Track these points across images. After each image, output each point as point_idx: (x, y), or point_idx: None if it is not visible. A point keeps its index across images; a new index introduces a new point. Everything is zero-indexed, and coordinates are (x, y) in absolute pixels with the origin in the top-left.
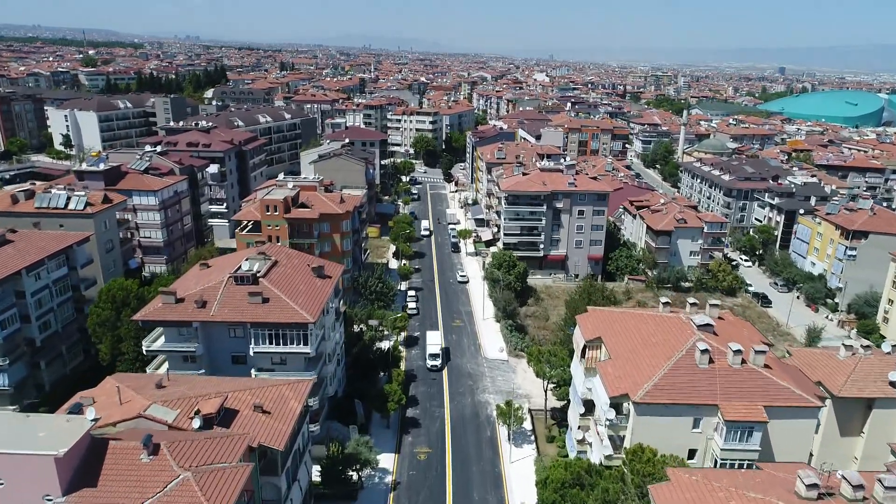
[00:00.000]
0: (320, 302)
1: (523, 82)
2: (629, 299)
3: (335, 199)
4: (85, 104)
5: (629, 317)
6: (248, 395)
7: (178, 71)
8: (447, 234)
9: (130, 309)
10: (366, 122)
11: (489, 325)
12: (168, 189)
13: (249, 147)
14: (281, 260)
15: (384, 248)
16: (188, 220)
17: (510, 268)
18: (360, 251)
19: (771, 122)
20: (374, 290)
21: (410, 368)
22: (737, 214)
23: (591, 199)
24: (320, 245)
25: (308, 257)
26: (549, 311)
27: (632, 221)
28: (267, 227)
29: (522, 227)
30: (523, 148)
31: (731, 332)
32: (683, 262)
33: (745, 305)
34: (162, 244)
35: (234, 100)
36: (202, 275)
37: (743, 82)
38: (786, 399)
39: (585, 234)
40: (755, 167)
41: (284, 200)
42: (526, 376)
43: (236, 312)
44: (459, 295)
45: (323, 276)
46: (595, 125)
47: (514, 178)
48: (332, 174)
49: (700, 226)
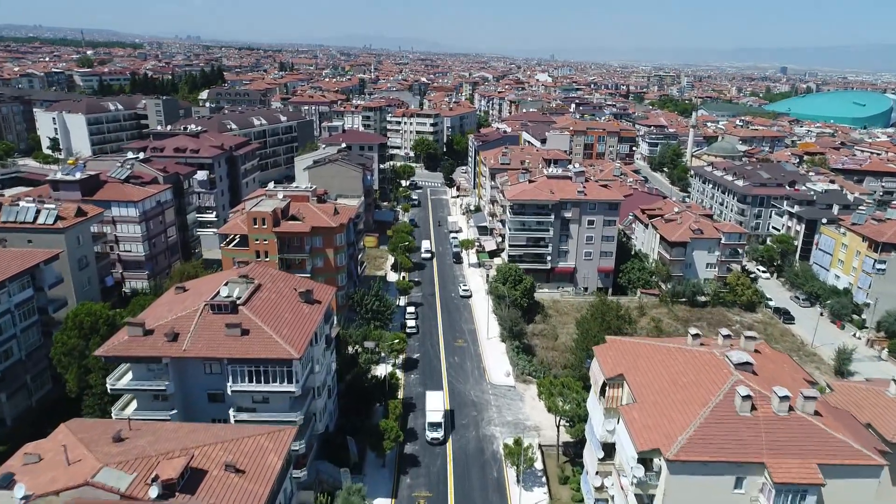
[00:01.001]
0: (307, 333)
1: (525, 83)
2: (643, 315)
3: (329, 210)
4: (73, 106)
5: (654, 351)
6: (218, 451)
7: (175, 72)
8: (448, 244)
9: (100, 336)
10: (364, 124)
11: (494, 346)
12: (150, 199)
13: (241, 152)
14: (265, 283)
15: (382, 258)
16: (172, 231)
17: (516, 282)
18: (355, 266)
19: (779, 124)
20: (371, 309)
21: (409, 396)
22: (752, 222)
23: (601, 209)
24: (312, 260)
25: (295, 279)
26: (558, 330)
27: (643, 231)
28: (255, 241)
29: (529, 238)
30: (528, 153)
31: (771, 369)
32: (699, 275)
33: (767, 322)
34: (143, 258)
35: (230, 101)
36: (176, 300)
37: (746, 82)
38: (843, 455)
39: (595, 245)
40: (771, 172)
41: (273, 213)
42: (535, 405)
43: (212, 347)
44: (462, 311)
45: (311, 302)
46: (601, 127)
47: (519, 185)
48: (328, 181)
49: (717, 236)
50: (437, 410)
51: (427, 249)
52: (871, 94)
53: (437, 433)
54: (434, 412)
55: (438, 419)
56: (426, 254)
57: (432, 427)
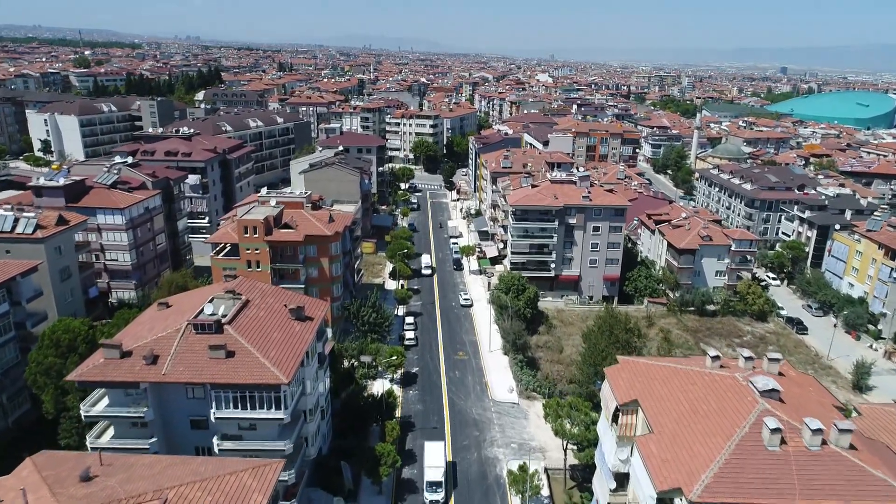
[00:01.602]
0: (297, 354)
1: (526, 83)
2: (651, 326)
3: (323, 218)
4: (66, 107)
5: (671, 374)
6: (196, 492)
7: (172, 72)
8: (448, 250)
9: (78, 355)
10: (363, 125)
11: (496, 359)
12: (137, 206)
13: (235, 155)
14: (253, 299)
15: (380, 265)
16: (162, 238)
17: (519, 292)
18: (352, 275)
19: (783, 125)
20: (368, 321)
21: (407, 415)
22: (759, 227)
23: (607, 215)
24: (306, 270)
25: (286, 294)
26: (563, 341)
27: (650, 237)
28: (245, 250)
29: (532, 245)
30: (530, 156)
31: (797, 395)
32: (708, 283)
33: (779, 332)
34: (130, 268)
35: (226, 102)
36: (158, 318)
37: (747, 82)
38: (884, 497)
39: (601, 252)
40: (779, 176)
41: (265, 221)
42: (540, 424)
43: (194, 371)
44: (463, 321)
45: (303, 319)
46: (604, 129)
47: (521, 190)
48: (324, 185)
49: (727, 243)
50: (437, 466)
51: (427, 265)
52: (874, 95)
53: (436, 495)
54: (434, 468)
55: (439, 477)
56: (426, 270)
57: (432, 487)
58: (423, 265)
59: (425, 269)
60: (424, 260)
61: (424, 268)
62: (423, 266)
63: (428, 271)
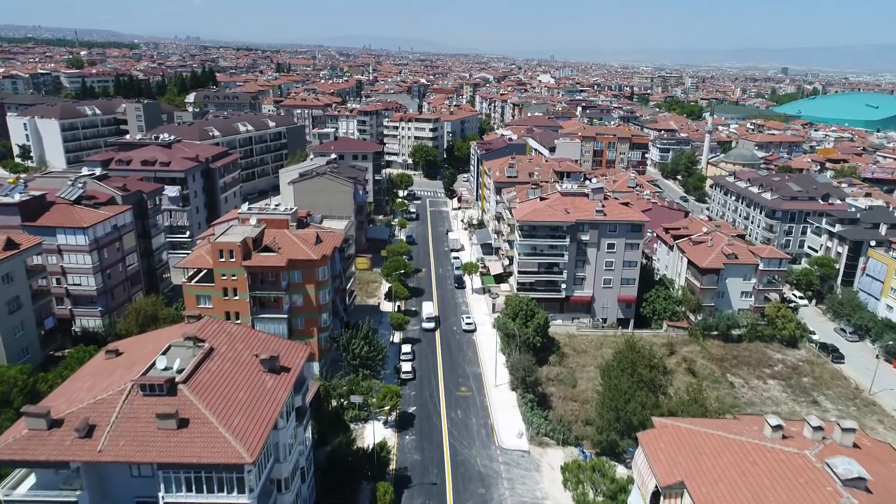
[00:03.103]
0: (268, 420)
1: (528, 84)
2: (671, 354)
3: (310, 238)
4: (47, 111)
5: (723, 446)
6: None
7: (165, 73)
8: (449, 265)
9: (13, 410)
10: (360, 129)
11: (503, 396)
12: (104, 224)
13: (219, 164)
14: (219, 346)
15: (376, 283)
16: (133, 258)
17: (527, 318)
18: (343, 299)
19: (793, 127)
20: (359, 355)
21: (402, 466)
22: (781, 239)
23: (623, 231)
24: (290, 298)
25: (259, 338)
26: (577, 373)
27: (667, 253)
28: (221, 277)
29: (540, 264)
30: (537, 163)
31: (884, 479)
32: (733, 305)
33: (812, 361)
34: (95, 293)
35: (217, 105)
36: (103, 371)
37: (749, 83)
38: None
39: (616, 271)
40: (801, 184)
41: (242, 244)
42: (555, 477)
43: (137, 446)
44: (465, 349)
45: (277, 371)
46: (611, 133)
47: (529, 203)
48: (314, 197)
49: (754, 262)
50: None
51: (430, 316)
52: (883, 96)
53: None
54: None
55: None
56: (428, 322)
57: None
58: (425, 316)
59: (427, 322)
60: (426, 309)
61: (426, 320)
62: (425, 317)
63: (430, 324)
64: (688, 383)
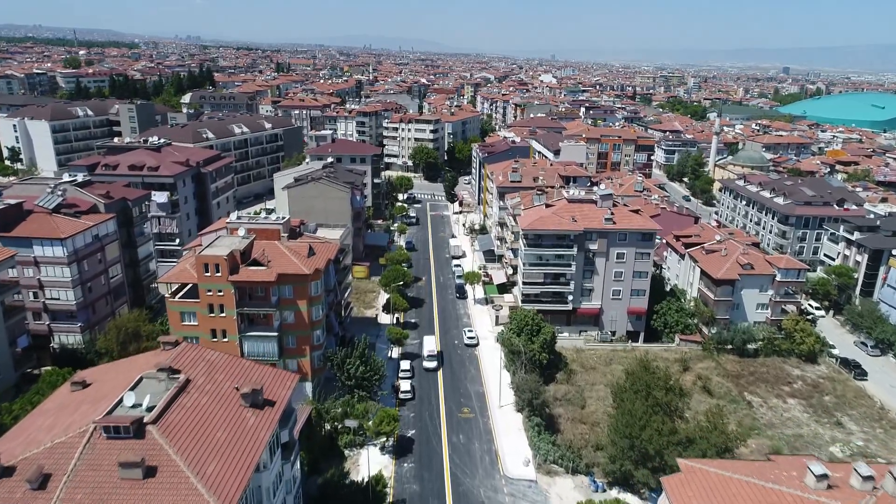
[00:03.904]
0: (247, 466)
1: (529, 84)
2: (685, 370)
3: (302, 251)
4: (37, 112)
5: (761, 497)
6: None
7: (162, 72)
8: (450, 272)
9: None
10: (359, 130)
11: (508, 418)
12: (85, 234)
13: (210, 168)
14: (196, 377)
15: (374, 293)
16: (117, 270)
17: (533, 333)
18: (338, 314)
19: (799, 128)
20: (354, 375)
21: (400, 499)
22: (794, 246)
23: (633, 239)
24: (281, 315)
25: (241, 366)
26: (585, 392)
27: (678, 262)
28: (206, 292)
29: (546, 275)
30: (541, 167)
31: None
32: (748, 318)
33: (834, 378)
34: (75, 307)
35: (213, 106)
36: (68, 404)
37: (752, 83)
38: None
39: (625, 282)
40: (815, 189)
41: (229, 257)
42: None
43: (95, 500)
44: (467, 365)
45: (260, 405)
46: (616, 134)
47: (534, 210)
48: (309, 203)
49: (771, 273)
50: None
51: (431, 353)
52: (888, 97)
53: None
54: None
55: None
56: (430, 361)
57: None
58: (426, 353)
59: (428, 360)
60: (427, 345)
61: (427, 357)
62: (426, 354)
63: (432, 363)
64: (707, 407)
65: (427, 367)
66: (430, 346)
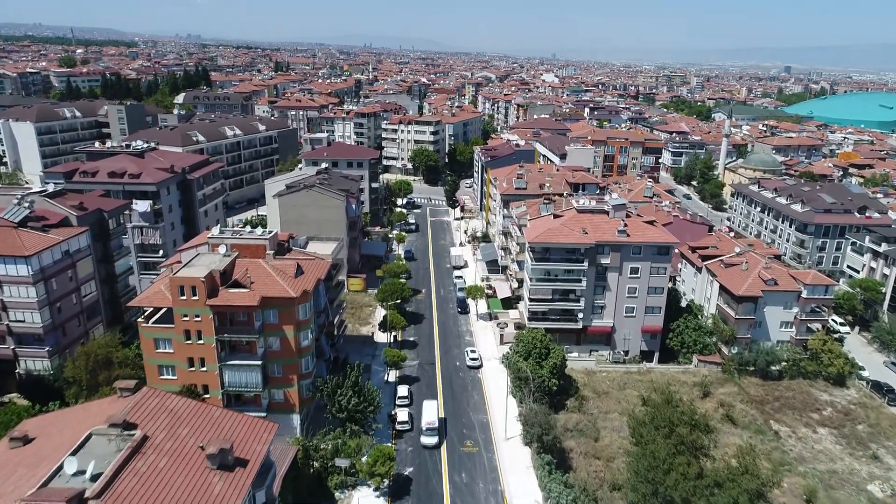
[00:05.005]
0: None
1: (531, 83)
2: (705, 397)
3: (288, 270)
4: (22, 113)
5: None
6: None
7: (159, 72)
8: (451, 284)
9: None
10: (357, 132)
11: (515, 452)
12: (53, 250)
13: (197, 174)
14: (155, 433)
15: (370, 308)
16: (91, 287)
17: (541, 357)
18: (330, 336)
19: (807, 129)
20: (346, 408)
21: None
22: (813, 255)
23: (648, 253)
24: (265, 341)
25: (210, 416)
26: (599, 422)
27: (694, 275)
28: (182, 317)
29: (555, 291)
30: (548, 173)
31: None
32: (771, 337)
33: (865, 404)
34: (42, 330)
35: (208, 106)
36: (3, 467)
37: (754, 82)
38: None
39: (640, 298)
40: (835, 195)
41: (207, 279)
42: None
43: None
44: (470, 390)
45: (230, 467)
46: (623, 137)
47: (541, 221)
48: (302, 211)
49: (796, 289)
50: None
51: (430, 426)
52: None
53: None
54: None
55: None
56: (430, 436)
57: None
58: (424, 425)
59: (427, 435)
60: (426, 414)
61: (426, 431)
62: (424, 427)
63: (432, 439)
64: (735, 441)
65: (425, 444)
66: (430, 417)
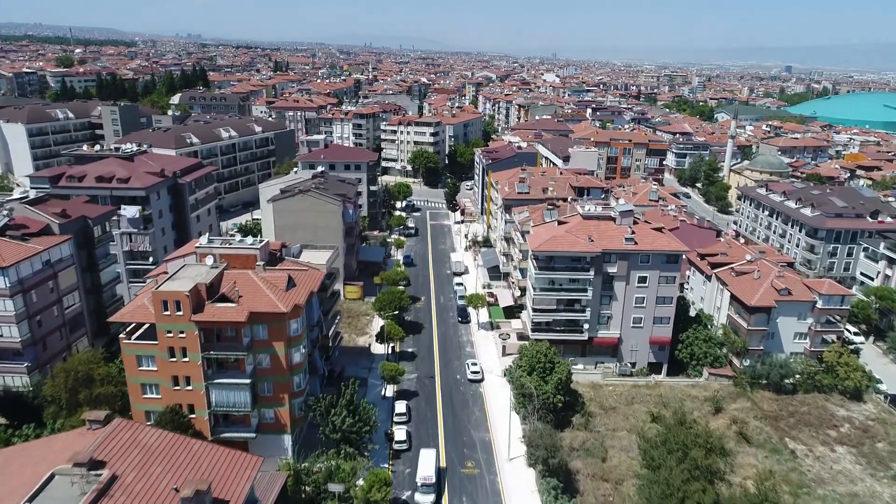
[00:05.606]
0: None
1: (532, 83)
2: (717, 412)
3: (279, 283)
4: (13, 114)
5: None
6: None
7: (156, 72)
8: (451, 291)
9: None
10: (355, 133)
11: (518, 473)
12: (32, 260)
13: (189, 178)
14: (125, 474)
15: (367, 317)
16: (74, 298)
17: (546, 371)
18: (324, 352)
19: (812, 130)
20: (340, 428)
21: None
22: (824, 262)
23: (656, 262)
24: (254, 359)
25: (189, 450)
26: (606, 440)
27: (703, 283)
28: (166, 334)
29: (559, 301)
30: (551, 177)
31: None
32: (785, 349)
33: (884, 420)
34: (20, 345)
35: (204, 107)
36: None
37: (756, 82)
38: None
39: (648, 308)
40: (846, 199)
41: (192, 293)
42: None
43: None
44: (471, 406)
45: None
46: (626, 138)
47: (545, 228)
48: (297, 217)
49: (811, 299)
50: None
51: (426, 480)
52: None
53: None
54: None
55: None
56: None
57: None
58: (420, 480)
59: (422, 493)
60: (423, 467)
61: (421, 487)
62: (420, 483)
63: (428, 497)
64: (759, 478)
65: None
66: (427, 470)
